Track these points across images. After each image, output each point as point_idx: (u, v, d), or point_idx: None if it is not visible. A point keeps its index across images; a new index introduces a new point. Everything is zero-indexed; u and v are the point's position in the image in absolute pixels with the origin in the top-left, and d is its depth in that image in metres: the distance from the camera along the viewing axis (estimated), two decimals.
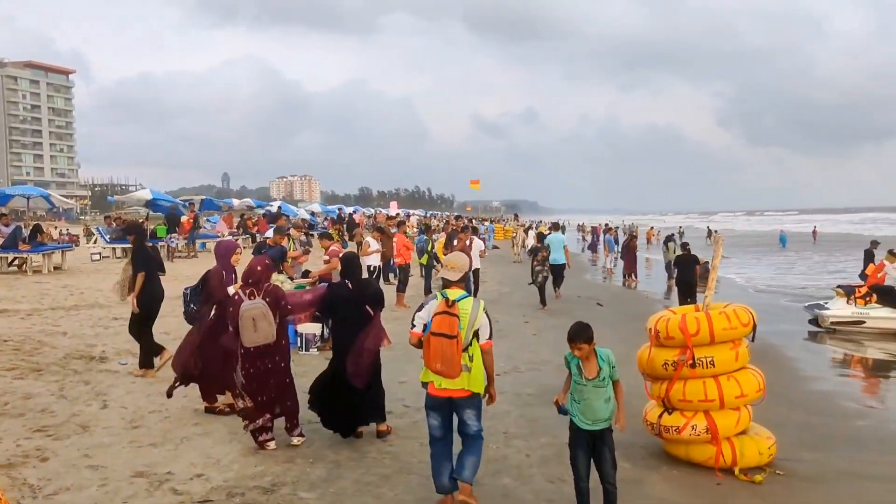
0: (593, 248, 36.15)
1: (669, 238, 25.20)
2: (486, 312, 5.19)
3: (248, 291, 6.23)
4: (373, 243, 13.34)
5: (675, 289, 17.81)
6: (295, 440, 6.43)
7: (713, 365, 6.13)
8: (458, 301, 5.03)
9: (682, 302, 15.67)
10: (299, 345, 10.12)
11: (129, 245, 9.44)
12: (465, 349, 4.99)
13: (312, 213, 46.65)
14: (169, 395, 7.27)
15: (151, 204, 28.64)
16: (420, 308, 5.25)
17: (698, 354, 6.11)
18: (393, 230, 18.45)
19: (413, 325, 5.20)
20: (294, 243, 12.19)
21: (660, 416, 6.34)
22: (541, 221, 78.80)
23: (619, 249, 27.22)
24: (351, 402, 6.43)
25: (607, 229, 35.22)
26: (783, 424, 7.49)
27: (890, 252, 15.95)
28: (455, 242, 14.95)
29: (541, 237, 18.56)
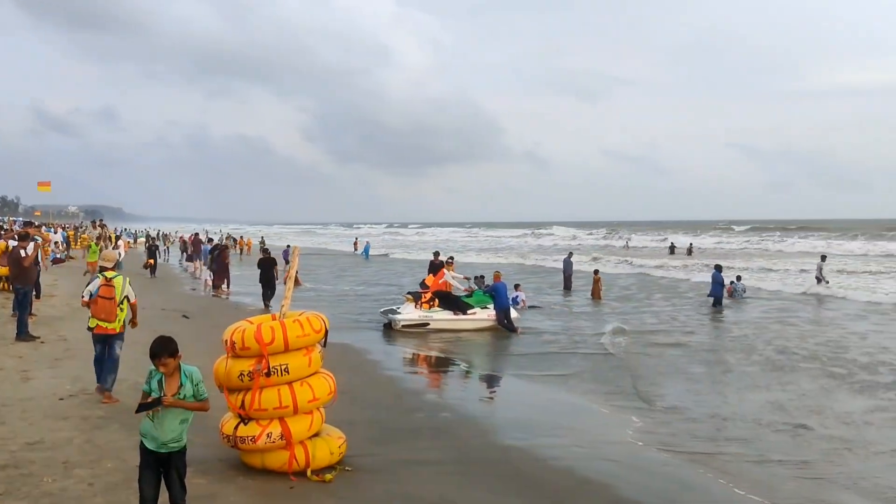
0: (191, 259, 34.69)
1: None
2: (130, 284, 8.77)
3: None
4: None
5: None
6: None
7: (288, 372, 6.31)
8: (113, 279, 8.56)
9: (265, 296, 19.87)
10: None
11: None
12: (119, 305, 8.49)
13: None
14: None
15: None
16: (88, 284, 8.60)
17: (273, 363, 6.23)
18: None
19: (83, 296, 8.51)
20: None
21: (236, 427, 6.31)
22: (125, 229, 73.65)
23: (210, 259, 26.59)
24: None
25: (208, 240, 34.21)
26: (356, 422, 8.06)
27: (446, 262, 18.35)
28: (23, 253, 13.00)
29: None
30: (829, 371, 12.32)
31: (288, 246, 42.31)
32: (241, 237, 58.52)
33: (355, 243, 62.62)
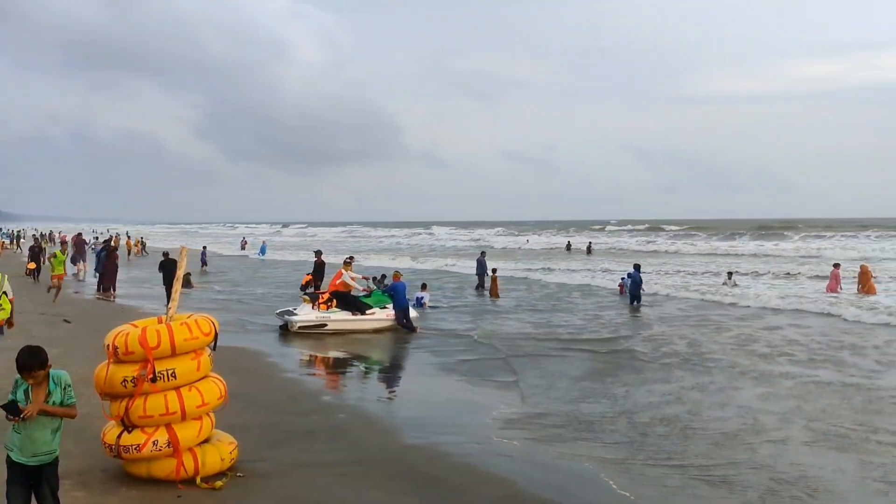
0: (74, 260, 32.89)
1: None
2: (8, 282, 8.72)
3: None
4: None
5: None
6: None
7: (175, 377, 6.08)
8: None
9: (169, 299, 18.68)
10: None
11: None
12: None
13: None
14: None
15: None
16: None
17: (159, 367, 6.00)
18: None
19: None
20: None
21: (119, 435, 6.03)
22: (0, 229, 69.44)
23: (97, 261, 25.42)
24: None
25: (104, 242, 32.63)
26: (249, 426, 7.88)
27: (345, 262, 18.19)
28: None
29: None
30: (733, 362, 12.93)
31: (204, 247, 41.00)
32: (129, 237, 56.06)
33: (243, 243, 61.12)
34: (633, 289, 22.29)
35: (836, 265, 25.56)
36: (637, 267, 23.27)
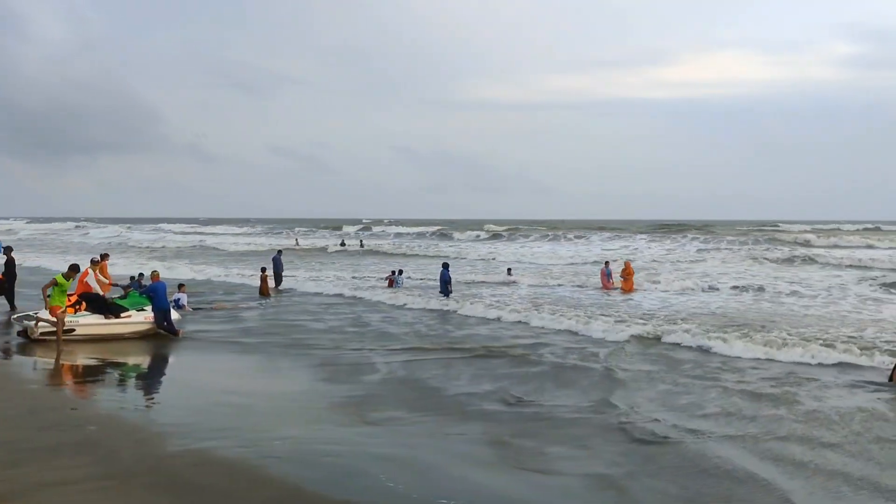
0: None
1: None
2: None
3: None
4: None
5: None
6: None
7: None
8: None
9: None
10: None
11: None
12: None
13: None
14: None
15: None
16: None
17: None
18: None
19: None
20: None
21: None
22: None
23: None
24: None
25: None
26: None
27: (92, 261, 16.74)
28: None
29: None
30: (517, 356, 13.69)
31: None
32: None
33: None
34: (443, 287, 22.70)
35: (606, 263, 27.63)
36: (446, 266, 23.69)
